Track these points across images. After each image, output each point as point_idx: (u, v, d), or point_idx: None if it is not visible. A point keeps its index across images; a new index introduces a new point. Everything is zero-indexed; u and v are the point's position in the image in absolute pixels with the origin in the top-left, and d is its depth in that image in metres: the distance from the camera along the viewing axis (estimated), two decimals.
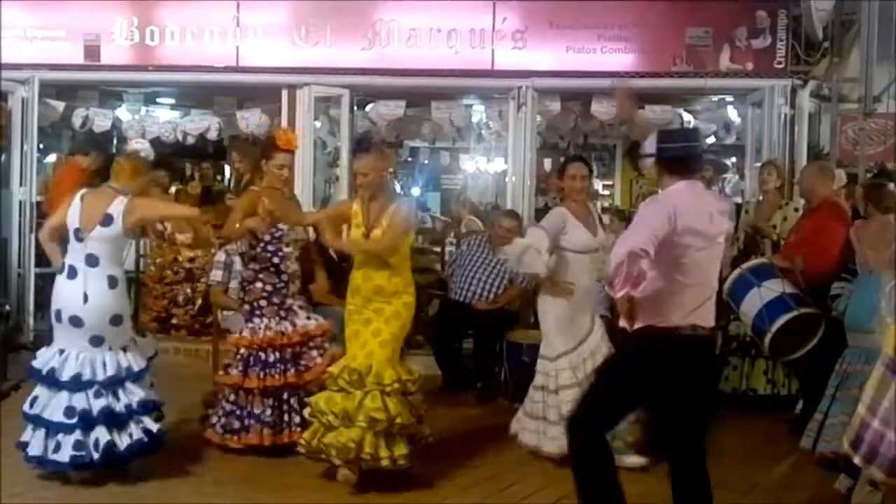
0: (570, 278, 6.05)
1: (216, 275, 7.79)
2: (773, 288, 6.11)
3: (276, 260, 6.21)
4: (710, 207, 4.33)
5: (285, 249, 6.28)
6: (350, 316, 5.72)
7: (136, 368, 5.69)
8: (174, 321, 9.38)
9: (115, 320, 5.62)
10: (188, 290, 9.35)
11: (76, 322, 5.56)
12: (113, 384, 5.58)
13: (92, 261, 5.60)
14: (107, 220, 5.61)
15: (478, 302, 8.21)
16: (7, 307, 8.93)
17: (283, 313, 6.22)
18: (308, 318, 6.32)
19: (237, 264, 7.79)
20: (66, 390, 5.53)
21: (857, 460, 1.89)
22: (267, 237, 6.22)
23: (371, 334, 5.60)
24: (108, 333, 5.61)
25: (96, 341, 5.58)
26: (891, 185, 6.43)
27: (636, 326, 4.25)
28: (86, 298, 5.56)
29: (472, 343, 8.30)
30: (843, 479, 5.17)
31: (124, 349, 5.70)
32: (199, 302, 9.23)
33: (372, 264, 5.65)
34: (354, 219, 5.75)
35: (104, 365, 5.58)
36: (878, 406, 1.85)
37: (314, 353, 6.27)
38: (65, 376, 5.54)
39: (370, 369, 5.49)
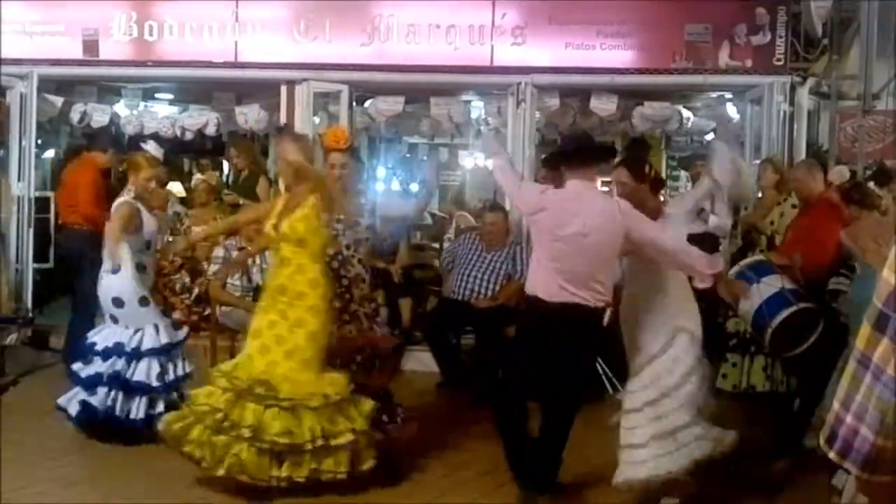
0: None
1: (215, 270, 7.82)
2: (772, 284, 6.11)
3: (335, 264, 5.75)
4: (582, 208, 4.96)
5: (345, 252, 5.85)
6: (257, 312, 5.46)
7: (144, 347, 6.16)
8: (173, 316, 9.35)
9: (116, 302, 6.20)
10: (186, 279, 9.35)
11: (100, 306, 6.41)
12: (111, 354, 6.14)
13: (106, 252, 6.31)
14: (111, 216, 6.28)
15: (478, 300, 8.21)
16: (30, 313, 9.10)
17: (346, 317, 5.75)
18: (372, 327, 5.90)
19: None
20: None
21: (831, 456, 1.90)
22: None
23: (275, 341, 5.28)
24: (116, 313, 6.23)
25: (112, 319, 6.28)
26: (869, 185, 6.47)
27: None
28: (98, 284, 6.34)
29: (474, 340, 8.28)
30: (841, 475, 5.16)
31: (137, 330, 6.21)
32: (196, 291, 9.21)
33: (278, 260, 5.42)
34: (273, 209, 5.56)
35: (109, 336, 6.22)
36: (851, 401, 1.86)
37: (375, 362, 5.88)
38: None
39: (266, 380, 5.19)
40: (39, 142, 10.32)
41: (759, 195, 8.08)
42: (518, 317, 5.23)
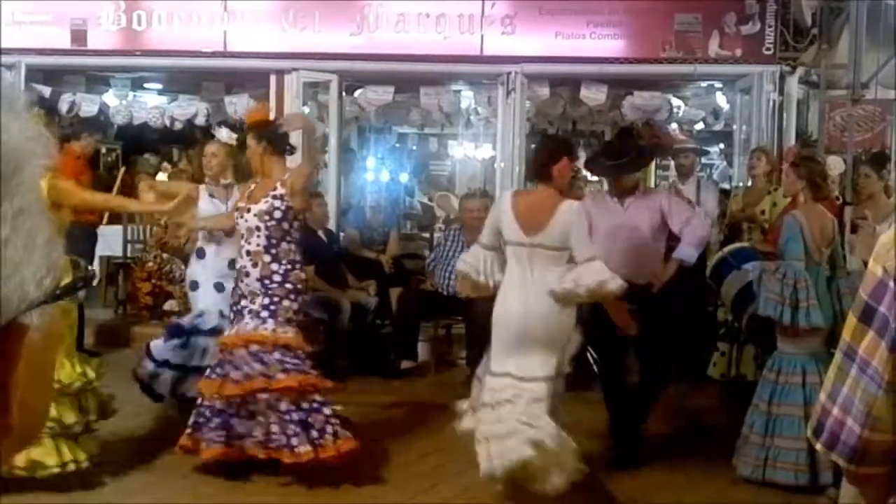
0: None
1: None
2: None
3: None
4: None
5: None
6: None
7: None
8: (166, 307, 9.35)
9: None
10: (183, 267, 9.34)
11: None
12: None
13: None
14: None
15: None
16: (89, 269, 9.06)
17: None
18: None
19: None
20: None
21: (818, 447, 1.91)
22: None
23: None
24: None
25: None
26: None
27: None
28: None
29: (465, 330, 8.30)
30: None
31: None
32: None
33: None
34: None
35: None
36: (837, 393, 1.87)
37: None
38: None
39: None
40: None
41: (749, 184, 8.10)
42: None
